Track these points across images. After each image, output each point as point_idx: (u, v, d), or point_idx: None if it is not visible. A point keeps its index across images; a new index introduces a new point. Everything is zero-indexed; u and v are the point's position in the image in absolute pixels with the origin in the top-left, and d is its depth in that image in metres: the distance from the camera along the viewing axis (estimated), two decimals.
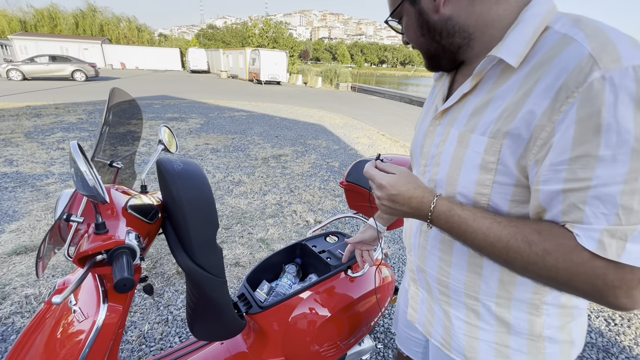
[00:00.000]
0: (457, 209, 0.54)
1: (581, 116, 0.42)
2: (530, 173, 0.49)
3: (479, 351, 0.67)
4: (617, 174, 0.41)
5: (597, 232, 0.42)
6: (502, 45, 0.51)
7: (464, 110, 0.58)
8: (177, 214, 0.76)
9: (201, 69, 32.13)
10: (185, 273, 0.84)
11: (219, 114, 8.87)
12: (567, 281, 0.45)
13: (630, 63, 0.40)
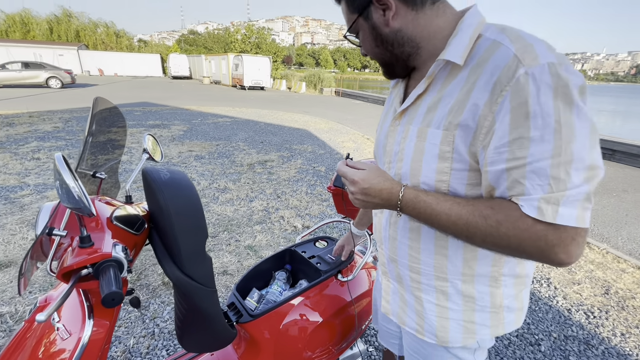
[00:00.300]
0: (422, 195, 0.61)
1: (513, 105, 0.50)
2: (479, 158, 0.57)
3: (449, 330, 0.75)
4: (545, 151, 0.49)
5: (536, 201, 0.50)
6: (447, 50, 0.59)
7: (419, 109, 0.66)
8: (164, 224, 0.74)
9: (183, 74, 31.66)
10: (173, 284, 0.82)
11: (203, 120, 8.76)
12: (517, 246, 0.53)
13: (546, 61, 0.49)
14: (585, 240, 0.52)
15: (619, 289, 2.48)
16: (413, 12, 0.61)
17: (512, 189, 0.53)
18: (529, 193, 0.51)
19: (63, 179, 0.50)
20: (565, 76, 0.49)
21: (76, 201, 0.51)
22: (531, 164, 0.50)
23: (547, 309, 2.22)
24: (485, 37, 0.57)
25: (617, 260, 2.89)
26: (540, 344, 1.91)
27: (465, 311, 0.72)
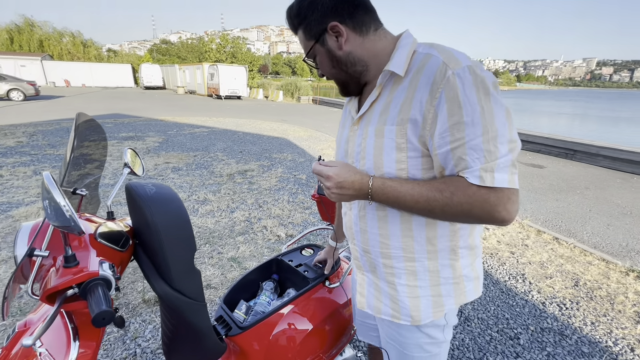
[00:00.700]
0: (387, 182, 0.72)
1: (448, 98, 0.63)
2: (429, 145, 0.69)
3: (421, 308, 0.83)
4: (477, 131, 0.62)
5: (477, 171, 0.63)
6: (391, 64, 0.72)
7: (374, 113, 0.77)
8: (152, 239, 0.73)
9: (156, 85, 30.87)
10: (161, 300, 0.80)
11: (179, 131, 8.57)
12: (469, 211, 0.64)
13: (465, 64, 0.64)
14: (518, 199, 0.65)
15: (587, 280, 2.64)
16: (360, 38, 0.74)
17: (458, 166, 0.65)
18: (471, 166, 0.63)
19: (53, 197, 0.49)
20: (481, 74, 0.64)
21: (66, 219, 0.50)
22: (468, 142, 0.63)
23: (523, 304, 2.32)
24: (418, 52, 0.72)
25: (583, 253, 3.09)
26: (520, 338, 2.00)
27: (432, 286, 0.82)
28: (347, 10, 0.72)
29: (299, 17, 0.75)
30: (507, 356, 1.86)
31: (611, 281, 2.64)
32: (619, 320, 2.18)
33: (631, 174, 6.22)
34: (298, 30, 0.77)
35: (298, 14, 0.75)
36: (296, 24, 0.77)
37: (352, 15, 0.72)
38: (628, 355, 1.89)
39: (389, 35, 0.77)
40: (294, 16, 0.77)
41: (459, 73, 0.63)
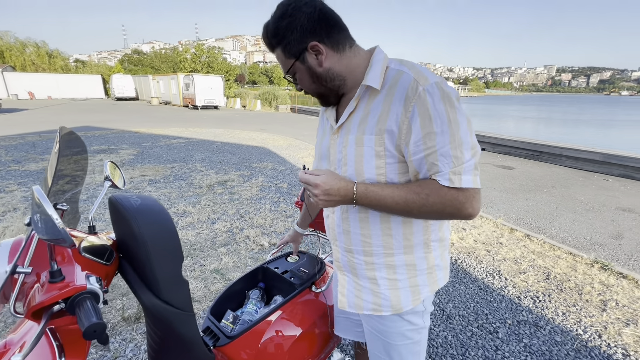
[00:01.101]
0: (370, 187, 0.78)
1: (420, 112, 0.71)
2: (404, 152, 0.77)
3: (401, 299, 0.90)
4: (446, 139, 0.70)
5: (447, 174, 0.71)
6: (367, 79, 0.79)
7: (352, 122, 0.83)
8: (138, 251, 0.73)
9: (128, 96, 29.98)
10: (149, 312, 0.80)
11: (154, 142, 8.35)
12: (442, 209, 0.73)
13: (433, 80, 0.72)
14: (481, 196, 0.75)
15: (557, 273, 2.80)
16: (338, 55, 0.80)
17: (430, 170, 0.73)
18: (442, 170, 0.71)
19: (44, 210, 0.49)
20: (447, 90, 0.72)
21: (57, 232, 0.50)
22: (439, 149, 0.71)
23: (500, 299, 2.43)
24: (391, 68, 0.79)
25: (553, 248, 3.27)
26: (498, 332, 2.09)
27: (410, 278, 0.90)
28: (325, 30, 0.77)
29: (276, 37, 0.78)
30: (487, 350, 1.93)
31: (578, 273, 2.81)
32: (587, 309, 2.33)
33: (592, 173, 6.66)
34: (276, 48, 0.80)
35: (275, 34, 0.78)
36: (274, 44, 0.80)
37: (329, 34, 0.77)
38: (596, 341, 2.02)
39: (362, 51, 0.84)
40: (271, 36, 0.79)
41: (428, 89, 0.71)
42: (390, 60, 0.81)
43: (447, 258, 0.96)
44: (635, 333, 2.10)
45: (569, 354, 1.92)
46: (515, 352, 1.92)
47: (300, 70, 0.82)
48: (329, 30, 0.77)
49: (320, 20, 0.76)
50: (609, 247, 3.40)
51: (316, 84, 0.83)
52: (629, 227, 3.92)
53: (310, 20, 0.75)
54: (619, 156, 6.47)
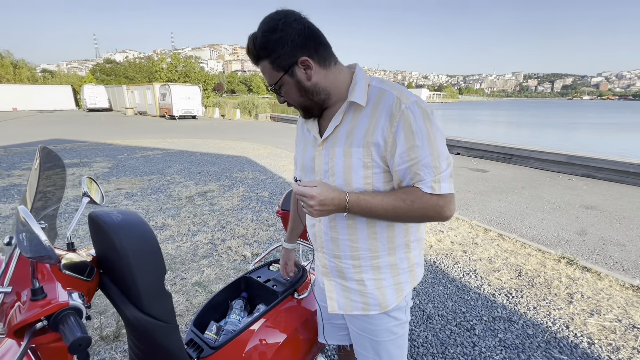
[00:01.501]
0: (361, 196, 0.83)
1: (404, 127, 0.79)
2: (389, 163, 0.84)
3: (387, 297, 0.97)
4: (426, 152, 0.79)
5: (429, 182, 0.80)
6: (354, 95, 0.85)
7: (338, 136, 0.88)
8: (121, 265, 0.75)
9: (101, 106, 28.97)
10: (132, 326, 0.81)
11: (130, 154, 8.12)
12: (425, 213, 0.82)
13: (413, 99, 0.81)
14: (454, 201, 0.84)
15: (528, 270, 2.96)
16: (324, 70, 0.85)
17: (414, 179, 0.81)
18: (424, 179, 0.80)
19: (31, 229, 0.51)
20: (425, 107, 0.80)
21: (43, 249, 0.52)
22: (421, 161, 0.79)
23: (477, 297, 2.54)
24: (373, 86, 0.86)
25: (524, 246, 3.45)
26: (475, 329, 2.18)
27: (393, 277, 0.97)
28: (314, 46, 0.81)
29: (266, 49, 0.80)
30: (465, 347, 2.02)
31: (547, 269, 2.98)
32: (555, 303, 2.47)
33: (557, 173, 7.07)
34: (263, 60, 0.82)
35: (265, 47, 0.79)
36: (262, 56, 0.81)
37: (317, 51, 0.82)
38: (564, 332, 2.16)
39: (344, 68, 0.90)
40: (259, 48, 0.80)
41: (410, 107, 0.79)
42: (371, 79, 0.88)
43: (422, 256, 1.05)
44: (598, 322, 2.25)
45: (540, 345, 2.04)
46: (491, 347, 2.01)
47: (288, 84, 0.84)
48: (317, 47, 0.82)
49: (309, 37, 0.80)
50: (574, 243, 3.63)
51: (303, 97, 0.87)
52: (591, 224, 4.19)
53: (300, 36, 0.79)
54: (581, 157, 6.91)
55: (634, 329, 2.19)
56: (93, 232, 0.87)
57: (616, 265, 3.15)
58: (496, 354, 1.96)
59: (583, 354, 1.97)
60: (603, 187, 5.97)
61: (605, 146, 14.42)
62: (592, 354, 1.97)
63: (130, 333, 0.89)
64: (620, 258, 3.28)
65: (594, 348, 2.02)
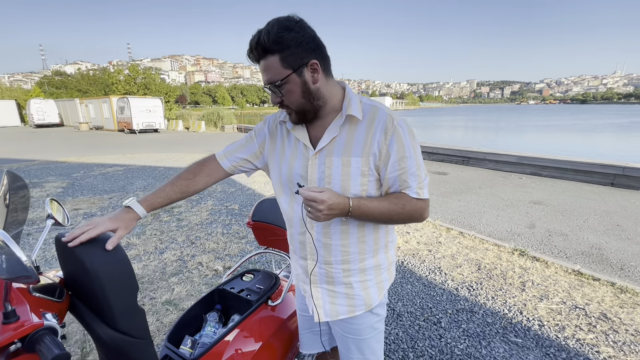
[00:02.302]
0: (361, 200, 0.92)
1: (396, 140, 0.90)
2: (381, 171, 0.94)
3: (372, 296, 1.06)
4: (412, 162, 0.91)
5: (415, 189, 0.93)
6: (351, 109, 0.92)
7: (335, 146, 0.94)
8: (92, 285, 0.76)
9: (51, 122, 27.01)
10: (104, 345, 0.81)
11: (87, 172, 7.66)
12: (412, 215, 0.94)
13: (401, 118, 0.92)
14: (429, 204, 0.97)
15: (486, 263, 3.20)
16: (325, 79, 0.92)
17: (402, 185, 0.93)
18: (411, 185, 0.92)
19: (10, 250, 0.52)
20: (408, 125, 0.94)
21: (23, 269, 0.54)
22: (409, 170, 0.91)
23: (442, 292, 2.71)
24: (364, 103, 0.96)
25: (482, 242, 3.73)
26: (441, 322, 2.33)
27: (376, 276, 1.07)
28: (322, 55, 0.88)
29: (279, 44, 0.81)
30: (432, 339, 2.15)
31: (502, 261, 3.24)
32: (510, 291, 2.70)
33: (510, 173, 7.68)
34: (272, 55, 0.83)
35: (278, 42, 0.81)
36: (274, 50, 0.82)
37: (323, 59, 0.89)
38: (519, 317, 2.37)
39: (337, 83, 0.98)
40: (272, 43, 0.81)
41: (400, 124, 0.91)
42: (360, 96, 0.98)
43: (395, 255, 1.16)
44: (547, 306, 2.50)
45: (498, 331, 2.22)
46: (455, 337, 2.16)
47: (293, 83, 0.86)
48: (324, 56, 0.89)
49: (319, 45, 0.88)
50: (525, 236, 3.97)
51: (305, 99, 0.90)
52: (539, 217, 4.61)
53: (314, 41, 0.85)
54: (529, 157, 7.57)
55: (576, 309, 2.46)
56: (60, 254, 0.87)
57: (560, 253, 3.50)
58: (460, 343, 2.12)
59: (535, 336, 2.18)
60: (548, 184, 6.58)
61: (550, 146, 15.85)
62: (543, 334, 2.19)
63: (103, 353, 0.89)
64: (564, 247, 3.65)
65: (543, 329, 2.24)
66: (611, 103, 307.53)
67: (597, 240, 3.82)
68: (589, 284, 2.80)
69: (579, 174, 6.75)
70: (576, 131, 26.56)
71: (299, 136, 0.99)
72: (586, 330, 2.23)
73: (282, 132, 1.06)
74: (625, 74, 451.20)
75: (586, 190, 6.10)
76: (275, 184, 1.09)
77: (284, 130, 1.05)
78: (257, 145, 1.12)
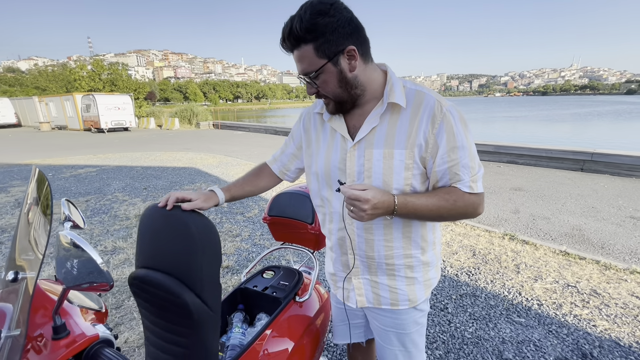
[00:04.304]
0: (408, 197, 0.83)
1: (446, 129, 0.82)
2: (427, 163, 0.86)
3: (417, 294, 1.01)
4: (465, 153, 0.83)
5: (468, 182, 0.84)
6: (394, 96, 0.84)
7: (375, 137, 0.87)
8: (188, 249, 0.76)
9: (7, 122, 25.00)
10: (185, 315, 0.75)
11: (56, 174, 7.16)
12: (465, 211, 0.86)
13: (449, 103, 0.84)
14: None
15: (480, 249, 3.31)
16: (364, 65, 0.84)
17: (453, 179, 0.85)
18: (463, 179, 0.84)
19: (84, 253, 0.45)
20: (459, 111, 0.85)
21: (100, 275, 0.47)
22: (461, 161, 0.83)
23: (443, 279, 2.77)
24: (408, 88, 0.87)
25: (473, 228, 3.85)
26: (448, 307, 2.38)
27: (424, 274, 1.01)
28: (360, 39, 0.80)
29: (313, 32, 0.75)
30: (442, 325, 2.20)
31: (495, 246, 3.37)
32: (506, 274, 2.81)
33: (488, 162, 7.98)
34: (305, 45, 0.77)
35: (312, 30, 0.74)
36: (308, 39, 0.76)
37: (362, 43, 0.81)
38: (518, 298, 2.47)
39: (377, 67, 0.89)
40: (305, 31, 0.75)
41: (450, 110, 0.83)
42: (404, 80, 0.89)
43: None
44: (542, 286, 2.62)
45: (502, 313, 2.30)
46: (463, 322, 2.22)
47: (329, 73, 0.80)
48: (362, 40, 0.81)
49: (357, 27, 0.79)
50: (511, 221, 4.14)
51: (342, 88, 0.83)
52: (521, 203, 4.82)
53: (350, 24, 0.77)
54: (505, 146, 7.90)
55: (569, 287, 2.60)
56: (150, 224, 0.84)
57: (546, 236, 3.68)
58: (469, 326, 2.17)
59: (536, 314, 2.28)
60: (525, 171, 6.90)
61: (521, 136, 16.67)
62: (543, 313, 2.29)
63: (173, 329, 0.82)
64: (548, 229, 3.85)
65: (543, 308, 2.34)
66: (569, 94, 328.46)
67: (576, 221, 4.05)
68: (576, 263, 2.96)
69: (552, 161, 7.14)
70: (543, 121, 28.10)
71: (336, 127, 0.93)
72: (581, 306, 2.35)
73: (315, 124, 1.02)
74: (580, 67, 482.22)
75: (559, 175, 6.46)
76: (311, 178, 1.04)
77: (318, 121, 1.01)
78: (295, 146, 1.12)
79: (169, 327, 0.77)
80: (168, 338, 0.77)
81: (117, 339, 0.64)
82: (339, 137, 0.93)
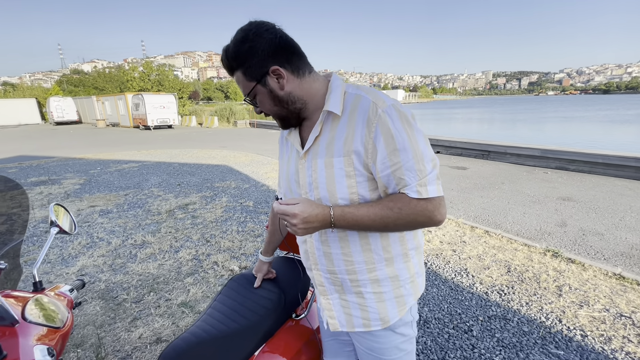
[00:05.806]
0: (345, 209, 0.80)
1: (382, 131, 0.75)
2: (372, 170, 0.80)
3: (388, 311, 0.92)
4: (409, 155, 0.75)
5: (414, 187, 0.76)
6: (329, 104, 0.82)
7: (319, 147, 0.85)
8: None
9: (70, 119, 27.75)
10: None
11: (103, 169, 7.74)
12: (414, 220, 0.78)
13: (389, 103, 0.77)
14: (445, 202, 0.80)
15: (516, 265, 3.00)
16: (298, 79, 0.83)
17: (399, 184, 0.77)
18: (409, 183, 0.76)
19: None
20: (402, 110, 0.77)
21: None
22: (404, 164, 0.75)
23: (470, 297, 2.54)
24: (349, 93, 0.84)
25: (510, 241, 3.51)
26: (472, 330, 2.17)
27: (394, 289, 0.92)
28: (285, 56, 0.80)
29: (237, 60, 0.80)
30: (464, 349, 2.00)
31: (534, 263, 3.03)
32: (546, 297, 2.51)
33: (533, 167, 7.33)
34: (236, 71, 0.82)
35: (236, 58, 0.79)
36: (234, 66, 0.81)
37: (289, 60, 0.81)
38: (558, 326, 2.18)
39: (320, 77, 0.88)
40: (231, 59, 0.80)
41: (387, 110, 0.76)
42: (347, 85, 0.86)
43: (422, 264, 0.99)
44: (588, 314, 2.30)
45: (537, 342, 2.04)
46: (489, 348, 2.00)
47: (261, 93, 0.83)
48: (289, 56, 0.81)
49: (280, 46, 0.79)
50: (556, 235, 3.73)
51: (277, 106, 0.85)
52: (570, 215, 4.33)
53: (271, 45, 0.78)
54: (554, 150, 7.20)
55: (622, 317, 2.25)
56: None
57: (597, 254, 3.25)
58: (495, 354, 1.95)
59: (578, 347, 1.99)
60: (576, 179, 6.23)
61: (575, 139, 15.17)
62: (587, 346, 2.00)
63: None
64: (601, 247, 3.40)
65: (587, 340, 2.04)
66: (637, 92, 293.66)
67: (637, 240, 3.54)
68: (632, 290, 2.57)
69: (610, 168, 6.37)
70: (601, 122, 25.40)
71: (291, 139, 0.95)
72: (635, 342, 2.02)
73: (282, 139, 1.04)
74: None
75: (618, 185, 5.74)
76: (282, 191, 1.06)
77: (284, 136, 1.02)
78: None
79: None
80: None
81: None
82: (294, 150, 0.94)
